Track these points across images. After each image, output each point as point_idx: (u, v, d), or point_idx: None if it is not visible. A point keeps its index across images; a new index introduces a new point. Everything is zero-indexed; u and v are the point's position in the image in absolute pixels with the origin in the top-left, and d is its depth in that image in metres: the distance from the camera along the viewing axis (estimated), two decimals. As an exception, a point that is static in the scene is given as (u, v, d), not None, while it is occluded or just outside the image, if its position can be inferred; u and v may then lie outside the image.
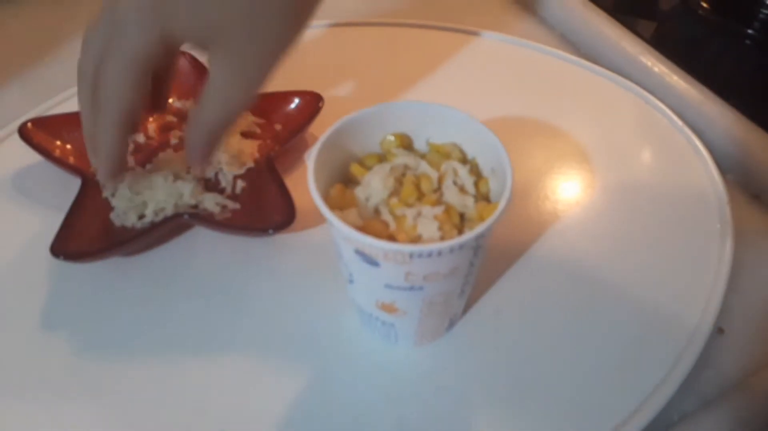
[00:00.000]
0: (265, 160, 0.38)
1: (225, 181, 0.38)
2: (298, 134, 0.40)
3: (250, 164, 0.39)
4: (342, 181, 0.29)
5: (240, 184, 0.38)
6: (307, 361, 0.32)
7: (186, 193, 0.36)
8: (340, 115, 0.29)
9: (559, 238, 0.38)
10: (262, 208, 0.36)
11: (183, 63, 0.43)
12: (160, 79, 0.33)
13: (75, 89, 0.45)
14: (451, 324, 0.33)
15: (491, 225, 0.25)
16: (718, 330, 0.34)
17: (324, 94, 0.41)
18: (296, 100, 0.42)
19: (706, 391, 0.32)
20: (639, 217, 0.39)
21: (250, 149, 0.39)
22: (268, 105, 0.41)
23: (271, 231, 0.34)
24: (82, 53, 0.30)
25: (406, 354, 0.32)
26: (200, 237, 0.37)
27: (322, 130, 0.28)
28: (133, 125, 0.31)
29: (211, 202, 0.36)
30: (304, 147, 0.43)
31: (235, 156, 0.38)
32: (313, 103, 0.41)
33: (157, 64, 0.29)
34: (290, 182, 0.37)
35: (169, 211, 0.36)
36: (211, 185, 0.38)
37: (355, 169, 0.29)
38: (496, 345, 0.33)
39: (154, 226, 0.35)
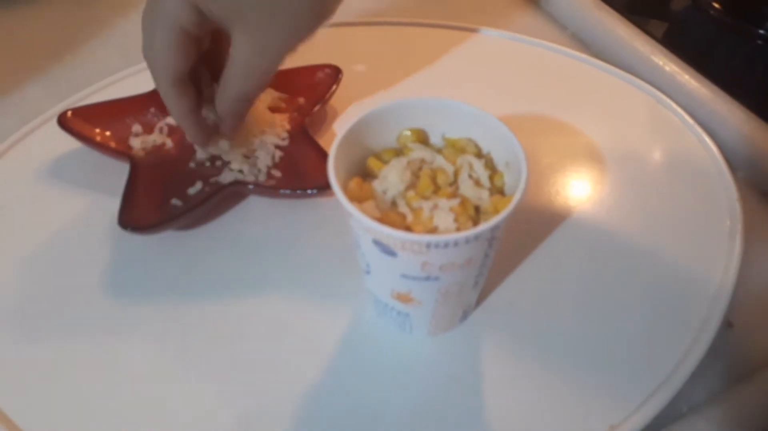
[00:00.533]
0: (299, 128, 0.41)
1: (266, 152, 0.40)
2: (320, 105, 0.42)
3: (285, 135, 0.41)
4: (360, 175, 0.30)
5: (278, 153, 0.40)
6: (322, 350, 0.33)
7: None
8: (357, 110, 0.30)
9: (571, 233, 0.38)
10: (304, 173, 0.38)
11: None
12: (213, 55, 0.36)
13: (94, 87, 0.47)
14: (465, 315, 0.33)
15: (506, 217, 0.25)
16: (728, 324, 0.34)
17: (341, 92, 0.42)
18: (317, 74, 0.44)
19: (715, 384, 0.32)
20: (649, 214, 0.39)
21: (280, 121, 0.42)
22: (291, 80, 0.44)
23: (314, 191, 0.37)
24: (143, 41, 0.33)
25: (420, 344, 0.33)
26: (222, 225, 0.39)
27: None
28: (192, 92, 0.34)
29: (263, 159, 0.39)
30: (324, 119, 0.45)
31: (271, 127, 0.41)
32: (332, 75, 0.44)
33: (195, 35, 0.32)
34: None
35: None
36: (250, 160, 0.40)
37: (372, 162, 0.30)
38: (509, 336, 0.33)
39: (205, 198, 0.37)
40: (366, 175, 0.30)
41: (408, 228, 0.27)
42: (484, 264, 0.29)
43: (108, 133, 0.41)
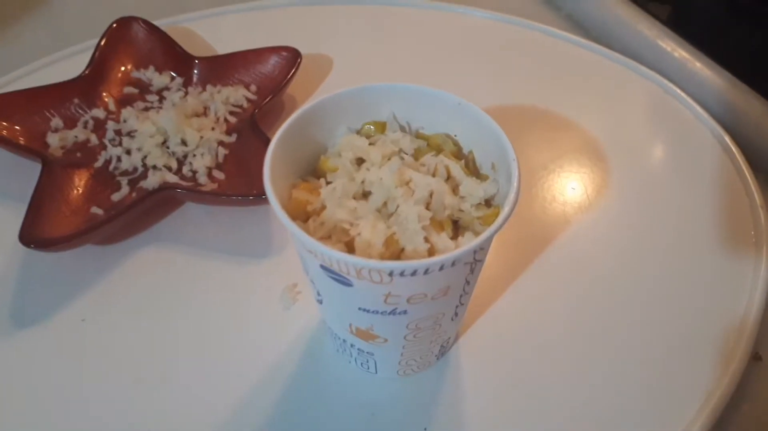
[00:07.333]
0: (248, 122, 0.37)
1: (207, 150, 0.36)
2: (274, 94, 0.38)
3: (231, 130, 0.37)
4: (313, 175, 0.25)
5: (222, 151, 0.36)
6: (271, 390, 0.28)
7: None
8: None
9: (570, 247, 0.34)
10: (252, 175, 0.34)
11: (137, 29, 0.42)
12: None
13: (18, 72, 0.43)
14: (443, 351, 0.29)
15: (492, 235, 0.21)
16: (755, 357, 0.30)
17: (302, 79, 0.38)
18: (271, 58, 0.41)
19: (743, 428, 0.28)
20: (660, 224, 0.36)
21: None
22: (239, 64, 0.40)
23: (262, 196, 0.32)
24: None
25: (388, 385, 0.29)
26: (153, 237, 0.34)
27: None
28: None
29: (203, 158, 0.35)
30: (281, 110, 0.41)
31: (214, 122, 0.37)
32: (290, 59, 0.40)
33: None
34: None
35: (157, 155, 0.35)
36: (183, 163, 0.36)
37: (324, 164, 0.25)
38: (494, 375, 0.29)
39: (130, 206, 0.32)
40: (319, 176, 0.25)
41: (366, 251, 0.22)
42: (466, 293, 0.24)
43: (18, 128, 0.36)
